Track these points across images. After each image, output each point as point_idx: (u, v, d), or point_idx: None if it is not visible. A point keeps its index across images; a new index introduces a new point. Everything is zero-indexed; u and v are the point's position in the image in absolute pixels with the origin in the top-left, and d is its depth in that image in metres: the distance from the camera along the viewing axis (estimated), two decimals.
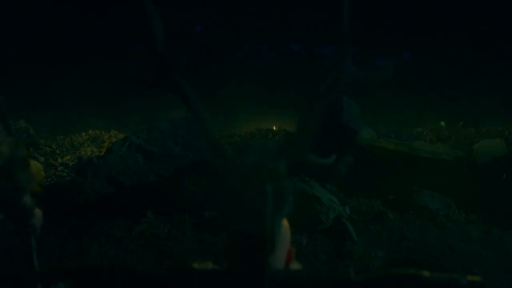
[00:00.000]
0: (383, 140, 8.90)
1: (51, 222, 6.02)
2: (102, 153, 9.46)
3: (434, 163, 7.97)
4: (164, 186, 6.78)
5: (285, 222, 1.29)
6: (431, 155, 8.13)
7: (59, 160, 9.86)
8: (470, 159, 8.23)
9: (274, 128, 14.57)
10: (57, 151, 10.63)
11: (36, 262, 2.29)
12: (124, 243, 5.58)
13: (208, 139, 1.36)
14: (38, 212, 2.22)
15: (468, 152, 8.53)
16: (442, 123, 15.56)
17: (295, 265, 1.38)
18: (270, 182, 1.09)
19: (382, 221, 6.52)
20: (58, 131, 13.81)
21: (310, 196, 6.14)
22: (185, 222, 6.22)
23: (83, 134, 13.45)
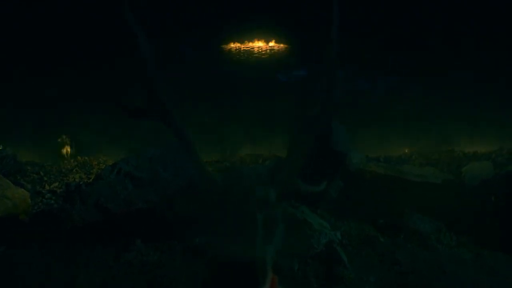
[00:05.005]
0: (373, 164, 8.96)
1: (37, 249, 5.91)
2: (91, 180, 9.36)
3: (424, 187, 8.02)
4: (154, 213, 6.70)
5: None
6: (420, 178, 8.19)
7: (47, 187, 9.72)
8: (459, 182, 8.30)
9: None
10: (45, 178, 10.49)
11: None
12: (112, 270, 5.46)
13: (195, 165, 1.34)
14: None
15: (456, 175, 8.61)
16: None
17: None
18: (261, 212, 1.08)
19: (373, 246, 6.48)
20: (46, 157, 13.66)
21: (301, 221, 6.11)
22: (175, 249, 6.12)
23: (72, 160, 13.32)
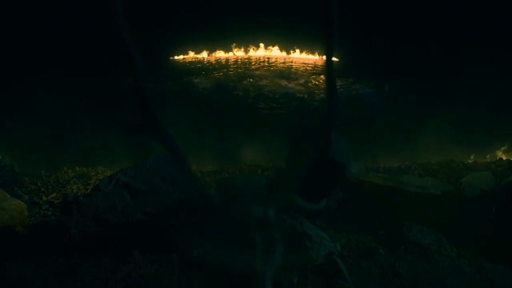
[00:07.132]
0: (372, 174, 8.91)
1: (34, 262, 5.84)
2: (89, 191, 9.30)
3: (423, 198, 7.97)
4: (152, 224, 6.64)
5: None
6: (419, 189, 8.14)
7: (44, 198, 9.66)
8: (459, 193, 8.26)
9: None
10: (42, 189, 10.42)
11: None
12: (109, 284, 5.40)
13: (189, 182, 1.31)
14: None
15: (456, 186, 8.57)
16: None
17: None
18: (260, 232, 1.05)
19: (373, 257, 6.42)
20: (44, 167, 13.61)
21: (300, 233, 6.05)
22: (173, 261, 6.06)
23: (69, 171, 13.25)
